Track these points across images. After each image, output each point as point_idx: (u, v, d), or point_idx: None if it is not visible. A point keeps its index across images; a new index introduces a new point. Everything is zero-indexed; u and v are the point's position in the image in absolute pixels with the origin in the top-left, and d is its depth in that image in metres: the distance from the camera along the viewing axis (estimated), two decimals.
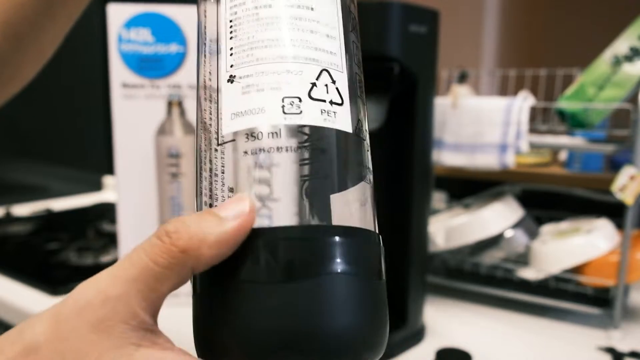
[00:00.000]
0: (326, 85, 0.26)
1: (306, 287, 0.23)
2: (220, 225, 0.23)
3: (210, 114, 0.26)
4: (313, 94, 0.26)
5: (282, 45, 0.26)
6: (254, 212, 0.24)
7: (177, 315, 0.40)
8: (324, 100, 0.26)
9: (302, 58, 0.26)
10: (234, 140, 0.25)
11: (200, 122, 0.27)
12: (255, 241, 0.24)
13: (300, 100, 0.25)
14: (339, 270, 0.23)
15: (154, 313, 0.24)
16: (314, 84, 0.26)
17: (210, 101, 0.26)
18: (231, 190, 0.25)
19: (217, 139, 0.26)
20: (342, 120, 0.26)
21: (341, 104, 0.26)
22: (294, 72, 0.26)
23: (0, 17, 0.43)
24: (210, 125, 0.26)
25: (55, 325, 0.23)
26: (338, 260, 0.24)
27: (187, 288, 0.25)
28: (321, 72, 0.26)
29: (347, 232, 0.24)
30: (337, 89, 0.26)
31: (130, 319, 0.22)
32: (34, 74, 0.50)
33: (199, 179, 0.26)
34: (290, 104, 0.25)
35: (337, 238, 0.24)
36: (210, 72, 0.27)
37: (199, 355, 0.25)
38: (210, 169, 0.26)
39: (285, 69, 0.26)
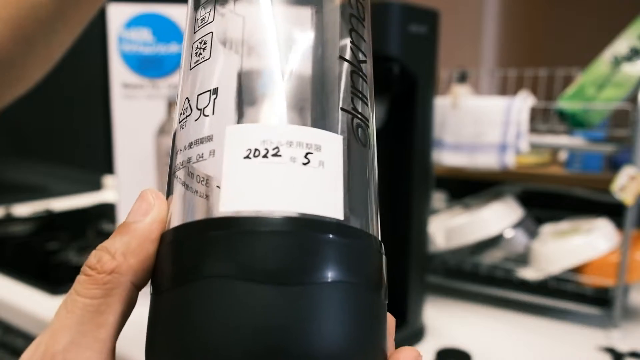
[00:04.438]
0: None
1: (277, 296, 0.19)
2: (135, 229, 0.22)
3: None
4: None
5: None
6: (160, 197, 0.22)
7: None
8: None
9: None
10: None
11: None
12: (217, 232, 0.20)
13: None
14: (327, 279, 0.19)
15: (110, 351, 0.21)
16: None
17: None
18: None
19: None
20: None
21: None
22: None
23: (10, 19, 0.42)
24: None
25: None
26: (328, 265, 0.19)
27: None
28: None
29: (340, 229, 0.20)
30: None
31: None
32: (41, 76, 0.48)
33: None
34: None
35: (328, 235, 0.20)
36: None
37: None
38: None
39: None
